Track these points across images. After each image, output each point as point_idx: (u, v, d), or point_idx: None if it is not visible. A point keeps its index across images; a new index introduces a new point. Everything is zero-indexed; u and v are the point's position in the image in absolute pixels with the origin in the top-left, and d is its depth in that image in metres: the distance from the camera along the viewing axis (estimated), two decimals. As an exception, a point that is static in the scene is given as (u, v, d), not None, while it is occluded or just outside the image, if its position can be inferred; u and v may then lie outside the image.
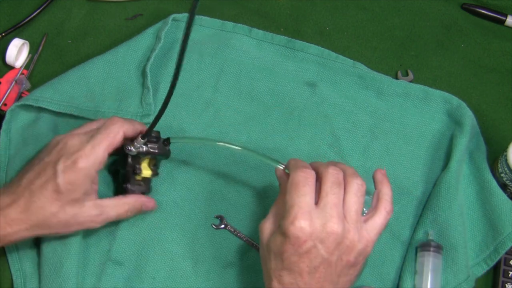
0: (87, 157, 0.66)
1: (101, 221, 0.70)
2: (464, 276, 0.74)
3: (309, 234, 0.59)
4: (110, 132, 0.68)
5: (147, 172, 0.73)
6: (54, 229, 0.68)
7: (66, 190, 0.66)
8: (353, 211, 0.61)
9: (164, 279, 0.74)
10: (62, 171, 0.66)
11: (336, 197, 0.61)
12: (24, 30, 0.89)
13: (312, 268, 0.60)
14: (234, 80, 0.84)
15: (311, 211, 0.60)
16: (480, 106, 0.85)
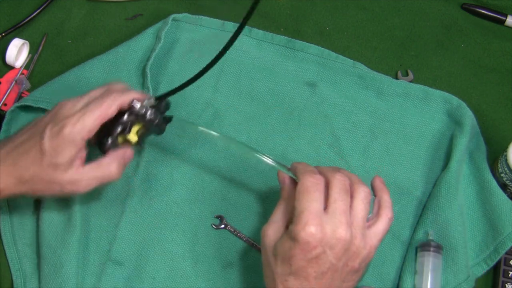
0: (74, 125, 0.66)
1: (84, 186, 0.68)
2: (464, 276, 0.74)
3: (319, 240, 0.59)
4: (103, 103, 0.67)
5: (134, 137, 0.71)
6: (38, 187, 0.68)
7: (50, 154, 0.66)
8: (360, 218, 0.62)
9: (164, 279, 0.74)
10: (48, 135, 0.66)
11: (344, 204, 0.61)
12: (24, 30, 0.89)
13: (320, 273, 0.60)
14: (234, 80, 0.84)
15: (321, 217, 0.60)
16: (480, 106, 0.85)
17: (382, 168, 0.80)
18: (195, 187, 0.78)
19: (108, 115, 0.67)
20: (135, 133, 0.71)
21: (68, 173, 0.67)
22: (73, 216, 0.75)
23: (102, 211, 0.77)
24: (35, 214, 0.77)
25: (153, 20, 0.88)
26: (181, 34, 0.87)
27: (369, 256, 0.63)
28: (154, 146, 0.80)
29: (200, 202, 0.78)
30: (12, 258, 0.76)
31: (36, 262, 0.75)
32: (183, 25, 0.87)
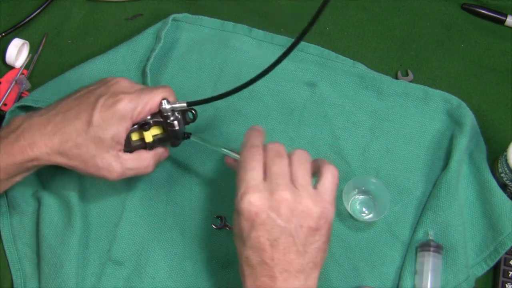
0: (130, 101, 0.66)
1: (118, 174, 0.68)
2: (464, 276, 0.74)
3: (260, 205, 0.59)
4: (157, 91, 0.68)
5: (149, 137, 0.70)
6: (73, 161, 0.66)
7: (97, 125, 0.65)
8: (301, 177, 0.62)
9: (164, 279, 0.74)
10: (102, 105, 0.65)
11: (279, 167, 0.62)
12: (24, 30, 0.89)
13: (273, 240, 0.59)
14: (234, 80, 0.84)
15: (259, 184, 0.60)
16: (480, 106, 0.85)
17: (382, 168, 0.80)
18: (195, 187, 0.78)
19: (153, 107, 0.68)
20: (152, 134, 0.70)
21: (109, 154, 0.66)
22: (73, 216, 0.75)
23: (102, 211, 0.77)
24: (35, 214, 0.77)
25: (153, 20, 0.88)
26: (181, 34, 0.87)
27: (325, 212, 0.61)
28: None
29: (200, 202, 0.78)
30: (12, 258, 0.76)
31: (36, 262, 0.75)
32: (183, 25, 0.87)
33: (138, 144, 0.70)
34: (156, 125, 0.70)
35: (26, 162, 0.66)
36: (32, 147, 0.65)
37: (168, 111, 0.69)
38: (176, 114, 0.70)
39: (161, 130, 0.71)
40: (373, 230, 0.77)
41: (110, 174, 0.68)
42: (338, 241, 0.76)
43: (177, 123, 0.70)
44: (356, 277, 0.75)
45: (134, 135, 0.70)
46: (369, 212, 0.78)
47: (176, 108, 0.69)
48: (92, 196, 0.78)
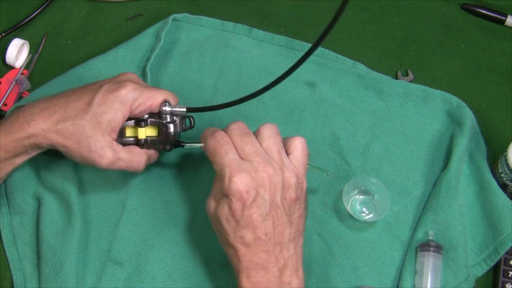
0: (133, 90, 0.67)
1: (108, 163, 0.68)
2: (464, 276, 0.74)
3: (248, 184, 0.62)
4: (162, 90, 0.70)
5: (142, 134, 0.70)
6: (67, 140, 0.67)
7: (96, 106, 0.66)
8: (275, 152, 0.65)
9: (164, 279, 0.74)
10: (105, 89, 0.67)
11: (251, 146, 0.65)
12: (24, 30, 0.89)
13: (264, 215, 0.63)
14: (234, 80, 0.84)
15: (241, 164, 0.63)
16: (480, 106, 0.85)
17: (382, 168, 0.80)
18: (195, 187, 0.78)
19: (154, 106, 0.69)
20: (146, 134, 0.71)
21: (103, 138, 0.67)
22: (73, 216, 0.75)
23: (102, 211, 0.77)
24: (35, 214, 0.77)
25: (153, 20, 0.88)
26: (181, 34, 0.87)
27: (300, 183, 0.65)
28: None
29: (200, 202, 0.78)
30: (12, 258, 0.76)
31: (36, 262, 0.75)
32: (183, 25, 0.87)
33: (130, 140, 0.71)
34: (152, 125, 0.70)
35: (24, 139, 0.67)
36: (30, 123, 0.67)
37: (167, 113, 0.70)
38: (174, 118, 0.71)
39: (156, 132, 0.71)
40: (373, 230, 0.77)
41: (101, 160, 0.68)
42: (338, 241, 0.76)
43: (173, 126, 0.71)
44: (356, 277, 0.75)
45: (128, 130, 0.70)
46: (369, 212, 0.78)
47: (175, 111, 0.70)
48: (92, 196, 0.78)
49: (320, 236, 0.76)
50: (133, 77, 0.71)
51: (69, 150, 0.68)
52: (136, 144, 0.71)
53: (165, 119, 0.70)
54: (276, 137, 0.66)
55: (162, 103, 0.69)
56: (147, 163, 0.72)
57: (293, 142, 0.67)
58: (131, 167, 0.70)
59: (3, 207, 0.78)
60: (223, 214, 0.64)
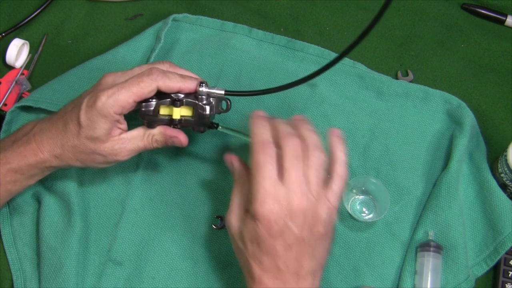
0: (107, 98, 0.65)
1: (126, 154, 0.69)
2: (464, 276, 0.74)
3: (278, 214, 0.61)
4: (141, 82, 0.65)
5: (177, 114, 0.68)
6: (80, 157, 0.68)
7: (86, 126, 0.66)
8: (314, 184, 0.63)
9: (164, 279, 0.74)
10: (85, 105, 0.66)
11: (296, 172, 0.62)
12: (24, 30, 0.89)
13: (287, 246, 0.62)
14: (234, 80, 0.84)
15: (276, 191, 0.61)
16: (480, 106, 0.85)
17: (382, 168, 0.80)
18: (195, 187, 0.78)
19: (144, 95, 0.66)
20: (181, 113, 0.69)
21: (108, 144, 0.67)
22: (73, 216, 0.75)
23: (102, 211, 0.77)
24: (35, 214, 0.77)
25: (153, 20, 0.88)
26: (181, 34, 0.87)
27: (332, 217, 0.64)
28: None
29: (200, 202, 0.78)
30: (12, 258, 0.76)
31: (36, 262, 0.75)
32: (183, 25, 0.87)
33: (164, 119, 0.69)
34: (188, 105, 0.69)
35: (38, 164, 0.68)
36: (42, 150, 0.68)
37: (203, 94, 0.68)
38: (211, 100, 0.69)
39: (190, 112, 0.69)
40: (373, 230, 0.77)
41: (118, 157, 0.69)
42: (338, 241, 0.76)
43: (209, 108, 0.69)
44: (356, 277, 0.75)
45: (163, 109, 0.69)
46: (369, 212, 0.78)
47: (212, 93, 0.69)
48: (92, 196, 0.78)
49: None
50: (108, 80, 0.68)
51: (86, 163, 0.69)
52: (170, 123, 0.69)
53: (201, 100, 0.69)
54: (320, 170, 0.64)
55: (199, 85, 0.67)
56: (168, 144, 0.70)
57: (336, 172, 0.65)
58: (150, 148, 0.70)
59: (3, 207, 0.78)
60: (247, 235, 0.63)
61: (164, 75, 0.66)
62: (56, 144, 0.67)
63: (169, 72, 0.68)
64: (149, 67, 0.68)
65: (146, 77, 0.66)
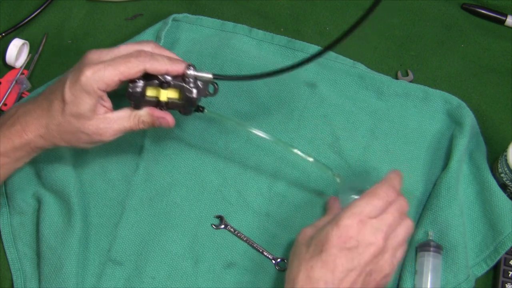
0: (92, 73, 0.64)
1: (112, 134, 0.68)
2: (464, 276, 0.74)
3: (357, 232, 0.61)
4: (128, 62, 0.66)
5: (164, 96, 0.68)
6: (64, 137, 0.68)
7: (71, 102, 0.65)
8: (398, 240, 0.64)
9: (164, 279, 0.74)
10: (70, 80, 0.65)
11: (394, 220, 0.64)
12: (24, 30, 0.89)
13: (346, 269, 0.61)
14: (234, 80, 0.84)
15: (371, 220, 0.63)
16: (480, 106, 0.85)
17: (382, 168, 0.80)
18: (195, 187, 0.78)
19: (131, 75, 0.66)
20: (168, 96, 0.69)
21: (93, 121, 0.67)
22: (73, 216, 0.75)
23: (102, 211, 0.77)
24: (35, 214, 0.77)
25: (153, 20, 0.88)
26: (181, 34, 0.87)
27: (389, 276, 0.64)
28: (154, 146, 0.80)
29: (200, 202, 0.78)
30: (12, 258, 0.76)
31: (36, 262, 0.75)
32: (183, 25, 0.87)
33: (150, 101, 0.69)
34: (175, 88, 0.69)
35: (24, 146, 0.68)
36: (27, 131, 0.67)
37: (191, 77, 0.68)
38: (198, 83, 0.69)
39: (177, 95, 0.69)
40: (373, 230, 0.77)
41: (103, 137, 0.68)
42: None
43: (196, 91, 0.69)
44: (356, 277, 0.75)
45: (150, 91, 0.69)
46: None
47: (200, 77, 0.69)
48: (92, 196, 0.78)
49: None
50: (93, 56, 0.68)
51: (72, 143, 0.69)
52: (156, 105, 0.69)
53: (189, 83, 0.69)
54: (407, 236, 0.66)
55: (187, 67, 0.68)
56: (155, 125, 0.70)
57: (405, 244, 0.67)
58: (136, 129, 0.69)
59: (3, 207, 0.78)
60: (316, 238, 0.63)
61: (152, 57, 0.67)
62: (41, 124, 0.67)
63: (158, 54, 0.68)
64: (137, 49, 0.68)
65: (134, 59, 0.66)
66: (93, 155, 0.80)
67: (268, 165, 0.74)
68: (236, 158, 0.80)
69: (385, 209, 0.64)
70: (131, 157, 0.80)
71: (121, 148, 0.80)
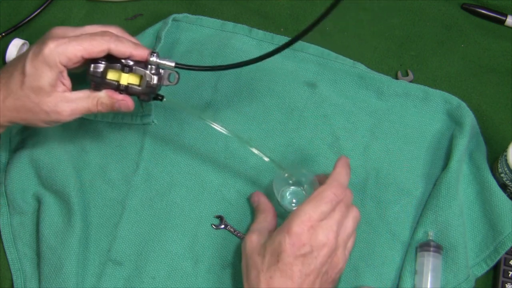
0: (56, 46, 0.64)
1: (69, 114, 0.67)
2: (464, 276, 0.74)
3: (309, 238, 0.62)
4: (94, 40, 0.65)
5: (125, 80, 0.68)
6: (22, 113, 0.67)
7: (30, 75, 0.65)
8: (347, 234, 0.66)
9: (164, 279, 0.74)
10: (31, 56, 0.65)
11: (342, 215, 0.65)
12: (24, 30, 0.89)
13: (304, 274, 0.63)
14: (234, 80, 0.84)
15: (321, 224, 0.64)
16: (480, 106, 0.85)
17: (382, 168, 0.80)
18: (195, 187, 0.78)
19: (94, 53, 0.66)
20: (127, 80, 0.69)
21: (51, 98, 0.66)
22: (73, 216, 0.75)
23: (102, 211, 0.77)
24: (35, 214, 0.77)
25: (153, 20, 0.88)
26: (181, 34, 0.87)
27: (343, 269, 0.67)
28: (154, 146, 0.80)
29: (200, 202, 0.78)
30: (12, 258, 0.76)
31: (36, 262, 0.75)
32: (183, 25, 0.87)
33: (111, 83, 0.69)
34: (136, 73, 0.69)
35: None
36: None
37: (153, 64, 0.69)
38: (160, 71, 0.69)
39: (138, 80, 0.69)
40: (373, 230, 0.77)
41: (61, 116, 0.67)
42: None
43: (157, 78, 0.69)
44: (356, 277, 0.75)
45: (111, 74, 0.69)
46: (298, 203, 0.77)
47: (162, 64, 0.69)
48: (92, 196, 0.78)
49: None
50: (58, 31, 0.67)
51: (29, 121, 0.68)
52: (116, 88, 0.69)
53: (150, 70, 0.69)
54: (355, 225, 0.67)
55: (150, 54, 0.68)
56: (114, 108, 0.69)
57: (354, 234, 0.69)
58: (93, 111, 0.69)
59: (3, 207, 0.78)
60: (269, 247, 0.64)
61: (118, 39, 0.67)
62: (2, 99, 0.66)
63: (123, 37, 0.68)
64: (103, 29, 0.68)
65: (99, 37, 0.66)
66: (93, 155, 0.80)
67: (268, 165, 0.73)
68: (236, 158, 0.80)
69: (333, 209, 0.65)
70: (131, 157, 0.80)
71: (121, 148, 0.80)
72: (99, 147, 0.80)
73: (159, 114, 0.81)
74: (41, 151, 0.78)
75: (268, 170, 0.79)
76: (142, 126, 0.81)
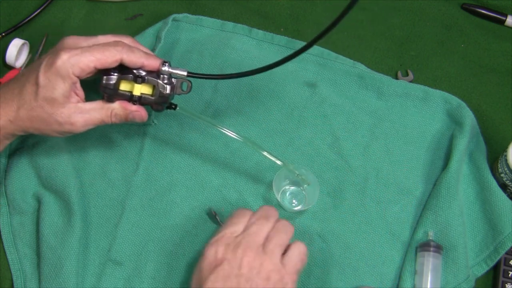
0: (69, 58, 0.64)
1: (82, 125, 0.68)
2: (464, 276, 0.74)
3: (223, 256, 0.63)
4: (106, 51, 0.66)
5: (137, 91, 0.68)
6: (35, 123, 0.67)
7: (44, 86, 0.65)
8: (273, 244, 0.64)
9: (164, 279, 0.74)
10: (45, 64, 0.65)
11: (258, 228, 0.65)
12: (24, 30, 0.89)
13: None
14: (234, 80, 0.83)
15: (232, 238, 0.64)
16: (480, 106, 0.85)
17: (382, 168, 0.80)
18: (195, 187, 0.78)
19: (107, 64, 0.66)
20: (141, 91, 0.69)
21: (65, 109, 0.66)
22: (73, 216, 0.75)
23: (102, 211, 0.77)
24: (35, 214, 0.77)
25: (153, 20, 0.88)
26: (181, 34, 0.87)
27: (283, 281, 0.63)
28: (154, 146, 0.80)
29: (200, 202, 0.78)
30: (12, 258, 0.76)
31: (36, 262, 0.75)
32: (183, 25, 0.87)
33: (123, 94, 0.69)
34: (149, 83, 0.69)
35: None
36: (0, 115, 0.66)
37: (165, 74, 0.69)
38: (172, 80, 0.69)
39: (151, 90, 0.69)
40: (373, 230, 0.77)
41: (73, 127, 0.67)
42: (338, 241, 0.76)
43: (170, 88, 0.69)
44: (356, 277, 0.75)
45: (124, 84, 0.69)
46: (298, 203, 0.78)
47: (174, 74, 0.69)
48: (92, 196, 0.78)
49: (320, 237, 0.76)
50: (69, 41, 0.68)
51: (42, 131, 0.68)
52: (129, 99, 0.69)
53: (163, 80, 0.69)
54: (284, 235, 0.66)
55: (161, 64, 0.68)
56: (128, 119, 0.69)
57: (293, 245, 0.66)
58: (106, 122, 0.69)
59: (3, 207, 0.78)
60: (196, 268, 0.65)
61: (130, 49, 0.67)
62: (11, 108, 0.66)
63: (135, 47, 0.68)
64: (115, 39, 0.68)
65: (112, 48, 0.66)
66: (93, 155, 0.80)
67: (268, 165, 0.73)
68: (236, 158, 0.80)
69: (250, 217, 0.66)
70: (131, 157, 0.80)
71: (121, 148, 0.80)
72: (99, 147, 0.80)
73: (159, 114, 0.81)
74: (41, 151, 0.78)
75: (267, 170, 0.79)
76: (142, 126, 0.81)
